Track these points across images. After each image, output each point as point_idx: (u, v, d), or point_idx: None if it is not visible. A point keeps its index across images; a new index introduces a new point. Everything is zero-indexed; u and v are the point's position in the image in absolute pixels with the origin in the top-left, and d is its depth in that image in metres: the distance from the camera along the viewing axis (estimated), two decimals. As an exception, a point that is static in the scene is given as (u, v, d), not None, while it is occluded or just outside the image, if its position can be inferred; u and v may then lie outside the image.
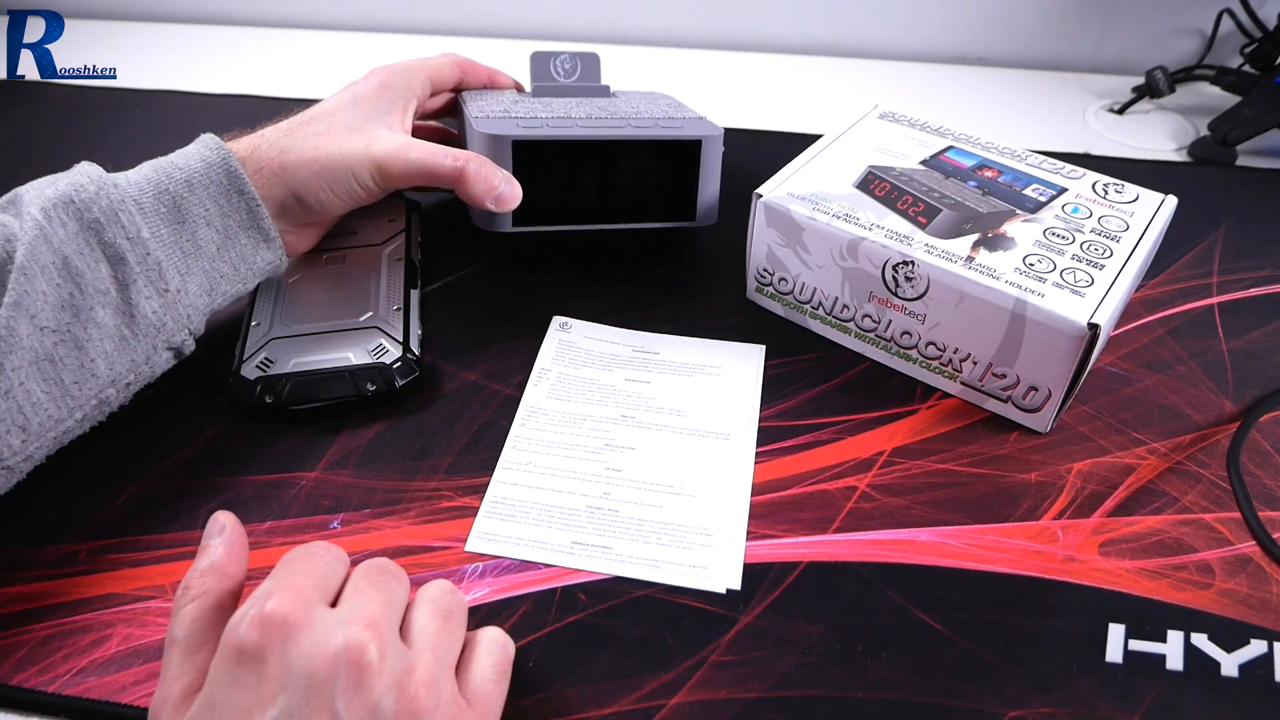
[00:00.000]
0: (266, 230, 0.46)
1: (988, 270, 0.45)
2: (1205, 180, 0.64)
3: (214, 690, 0.29)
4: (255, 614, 0.29)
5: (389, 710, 0.29)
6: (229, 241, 0.45)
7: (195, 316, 0.44)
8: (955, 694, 0.37)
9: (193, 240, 0.43)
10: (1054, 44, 0.79)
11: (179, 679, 0.30)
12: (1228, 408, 0.48)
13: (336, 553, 0.33)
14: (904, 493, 0.44)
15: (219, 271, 0.44)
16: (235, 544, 0.34)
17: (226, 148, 0.45)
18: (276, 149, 0.46)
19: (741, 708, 0.36)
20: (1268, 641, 0.38)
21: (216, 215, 0.44)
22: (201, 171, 0.44)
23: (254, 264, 0.46)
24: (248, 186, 0.45)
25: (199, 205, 0.44)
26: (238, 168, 0.44)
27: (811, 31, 0.82)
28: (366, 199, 0.49)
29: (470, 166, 0.48)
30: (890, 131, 0.55)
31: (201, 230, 0.44)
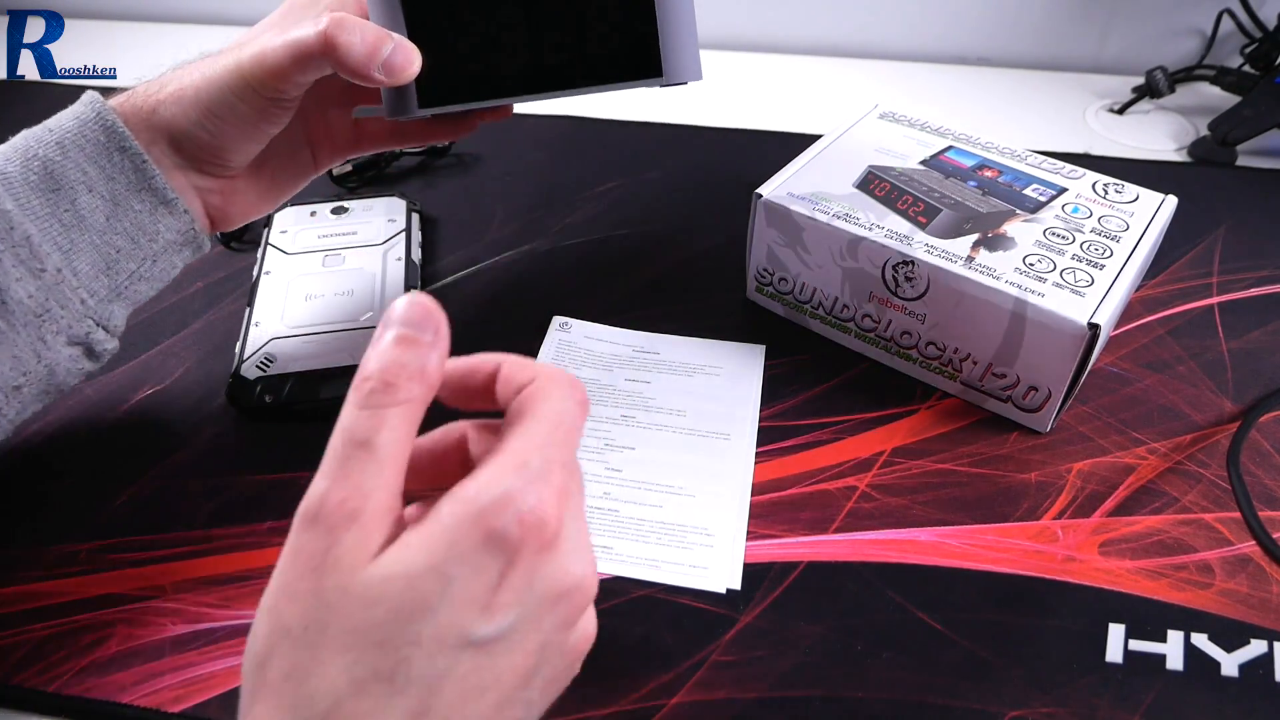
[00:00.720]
0: (162, 191, 0.39)
1: (988, 270, 0.45)
2: (1205, 180, 0.64)
3: (450, 560, 0.25)
4: (524, 511, 0.25)
5: (571, 652, 0.29)
6: (119, 209, 0.39)
7: (95, 302, 0.39)
8: (955, 694, 0.37)
9: (73, 210, 0.38)
10: (1054, 44, 0.79)
11: (377, 490, 0.25)
12: (1228, 408, 0.48)
13: (583, 421, 0.29)
14: (904, 493, 0.44)
15: (113, 245, 0.39)
16: (444, 356, 0.28)
17: (104, 101, 0.39)
18: (155, 87, 0.40)
19: (741, 708, 0.36)
20: (1268, 641, 0.38)
21: (99, 179, 0.38)
22: (75, 130, 0.38)
23: (156, 233, 0.40)
24: (129, 141, 0.38)
25: (75, 169, 0.38)
26: (116, 120, 0.38)
27: (811, 31, 0.82)
28: (258, 118, 0.40)
29: (339, 29, 0.36)
30: (890, 131, 0.55)
31: (83, 198, 0.38)
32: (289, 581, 0.25)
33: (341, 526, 0.25)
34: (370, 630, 0.25)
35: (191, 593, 0.40)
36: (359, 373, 0.26)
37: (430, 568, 0.25)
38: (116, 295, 0.40)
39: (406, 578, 0.25)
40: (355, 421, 0.26)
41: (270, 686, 0.25)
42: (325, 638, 0.24)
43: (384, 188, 0.63)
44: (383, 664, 0.25)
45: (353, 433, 0.25)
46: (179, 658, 0.38)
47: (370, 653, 0.24)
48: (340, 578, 0.25)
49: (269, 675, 0.25)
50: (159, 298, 0.55)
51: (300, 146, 0.47)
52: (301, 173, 0.47)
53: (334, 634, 0.24)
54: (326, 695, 0.24)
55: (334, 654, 0.24)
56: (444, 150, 0.67)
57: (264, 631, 0.25)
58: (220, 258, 0.58)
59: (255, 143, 0.41)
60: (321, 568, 0.25)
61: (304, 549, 0.25)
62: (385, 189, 0.62)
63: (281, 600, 0.25)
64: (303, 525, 0.25)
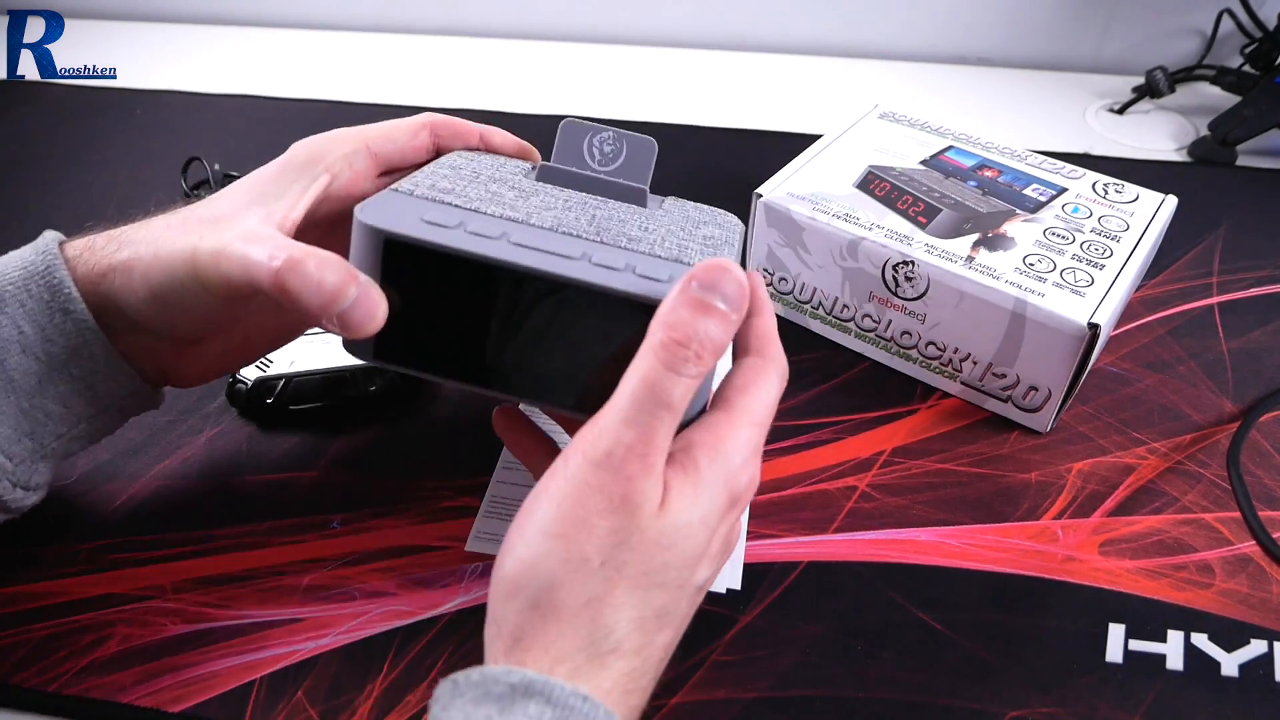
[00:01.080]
0: (104, 358, 0.36)
1: (988, 270, 0.45)
2: (1205, 180, 0.64)
3: (712, 515, 0.30)
4: (752, 477, 0.31)
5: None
6: (54, 374, 0.35)
7: (14, 465, 0.35)
8: (955, 694, 0.37)
9: (3, 373, 0.34)
10: (1054, 44, 0.79)
11: (666, 444, 0.29)
12: (1228, 408, 0.48)
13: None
14: (904, 493, 0.44)
15: (42, 410, 0.36)
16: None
17: (56, 251, 0.35)
18: (114, 245, 0.36)
19: (741, 708, 0.36)
20: (1268, 641, 0.38)
21: (35, 339, 0.35)
22: (19, 281, 0.35)
23: (94, 397, 0.37)
24: (75, 303, 0.35)
25: (10, 326, 0.34)
26: (65, 278, 0.35)
27: (811, 31, 0.82)
28: (209, 311, 0.35)
29: (291, 273, 0.31)
30: (890, 131, 0.55)
31: (13, 359, 0.35)
32: (585, 515, 0.28)
33: (640, 474, 0.28)
34: (657, 572, 0.28)
35: (191, 593, 0.40)
36: (668, 328, 0.28)
37: (702, 521, 0.29)
38: (41, 457, 0.36)
39: (689, 528, 0.29)
40: (662, 380, 0.28)
41: (566, 610, 0.27)
42: (622, 575, 0.28)
43: (384, 188, 0.63)
44: (660, 603, 0.29)
45: (658, 391, 0.28)
46: (179, 658, 0.38)
47: (654, 592, 0.28)
48: (640, 520, 0.28)
49: (563, 599, 0.27)
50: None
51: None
52: (287, 330, 0.41)
53: (630, 572, 0.28)
54: (620, 626, 0.28)
55: (627, 590, 0.28)
56: (444, 150, 0.66)
57: (553, 556, 0.27)
58: (220, 258, 0.58)
59: (210, 327, 0.37)
60: (622, 509, 0.28)
61: (601, 487, 0.28)
62: (385, 189, 0.62)
63: (577, 531, 0.28)
64: (595, 465, 0.28)
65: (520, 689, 0.26)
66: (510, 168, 0.39)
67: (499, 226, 0.32)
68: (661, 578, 0.29)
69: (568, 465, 0.29)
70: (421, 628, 0.39)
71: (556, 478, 0.29)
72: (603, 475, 0.28)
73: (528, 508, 0.29)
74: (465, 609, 0.39)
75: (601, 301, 0.30)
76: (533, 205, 0.35)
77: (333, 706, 0.36)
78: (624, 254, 0.32)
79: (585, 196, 0.37)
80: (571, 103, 0.74)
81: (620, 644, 0.28)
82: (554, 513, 0.28)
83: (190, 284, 0.34)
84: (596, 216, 0.35)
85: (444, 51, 0.82)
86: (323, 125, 0.40)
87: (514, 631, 0.28)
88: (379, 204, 0.32)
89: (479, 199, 0.34)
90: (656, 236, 0.34)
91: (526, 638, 0.28)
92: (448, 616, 0.39)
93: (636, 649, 0.28)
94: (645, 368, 0.28)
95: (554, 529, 0.28)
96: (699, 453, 0.30)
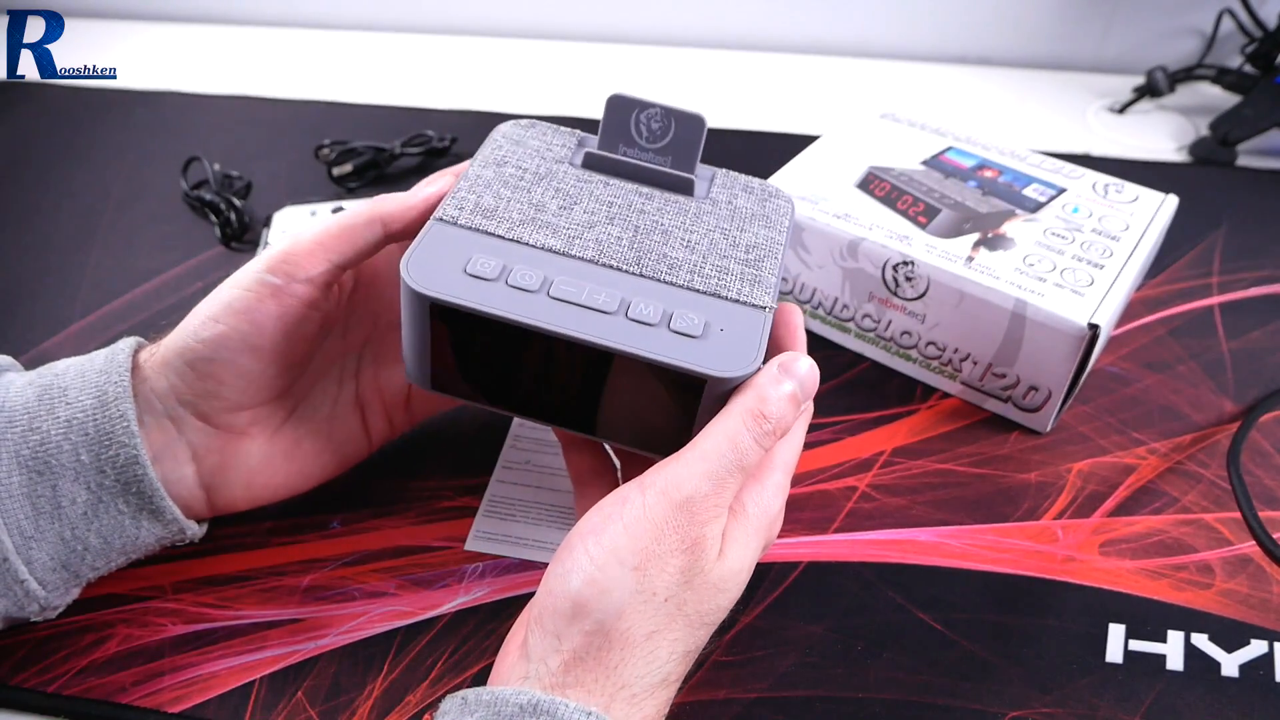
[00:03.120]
0: (150, 496, 0.36)
1: (988, 270, 0.45)
2: (1205, 180, 0.64)
3: (754, 553, 0.32)
4: (779, 519, 0.34)
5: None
6: (101, 506, 0.35)
7: (46, 592, 0.35)
8: (955, 694, 0.37)
9: (51, 496, 0.34)
10: (1054, 44, 0.79)
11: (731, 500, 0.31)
12: (1228, 408, 0.48)
13: None
14: (904, 493, 0.44)
15: (83, 542, 0.35)
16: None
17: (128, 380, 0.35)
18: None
19: (741, 708, 0.36)
20: (1268, 641, 0.38)
21: (90, 468, 0.35)
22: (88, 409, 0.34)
23: (135, 538, 0.36)
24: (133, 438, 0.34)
25: (71, 451, 0.34)
26: (128, 410, 0.35)
27: (811, 31, 0.82)
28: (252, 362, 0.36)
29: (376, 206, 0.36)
30: (890, 131, 0.55)
31: (65, 484, 0.34)
32: (662, 552, 0.29)
33: (711, 521, 0.30)
34: (708, 613, 0.31)
35: (191, 593, 0.40)
36: (761, 400, 0.31)
37: (749, 566, 0.32)
38: (71, 586, 0.37)
39: (738, 571, 0.31)
40: (748, 450, 0.31)
41: (631, 639, 0.29)
42: (681, 612, 0.30)
43: (384, 188, 0.63)
44: (699, 638, 0.31)
45: (739, 453, 0.31)
46: (179, 658, 0.38)
47: (700, 630, 0.31)
48: (704, 564, 0.30)
49: (629, 628, 0.29)
50: (160, 296, 0.55)
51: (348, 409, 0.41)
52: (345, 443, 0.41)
53: (688, 610, 0.30)
54: (671, 659, 0.30)
55: (681, 627, 0.30)
56: (444, 150, 0.67)
57: (627, 586, 0.29)
58: (220, 258, 0.58)
59: (254, 388, 0.37)
60: (691, 551, 0.30)
61: (678, 529, 0.30)
62: (385, 189, 0.62)
63: (652, 565, 0.29)
64: (676, 507, 0.30)
65: (529, 709, 0.27)
66: (557, 150, 0.39)
67: (540, 271, 0.33)
68: (711, 618, 0.31)
69: (645, 500, 0.30)
70: (421, 628, 0.39)
71: (632, 509, 0.30)
72: (681, 518, 0.30)
73: (595, 529, 0.30)
74: (465, 609, 0.39)
75: (637, 363, 0.32)
76: (576, 221, 0.35)
77: (333, 706, 0.36)
78: (661, 296, 0.34)
79: (631, 193, 0.37)
80: (571, 102, 0.74)
81: (668, 675, 0.30)
82: (631, 544, 0.30)
83: (241, 301, 0.35)
84: (639, 229, 0.36)
85: (444, 51, 0.82)
86: (323, 125, 0.40)
87: (577, 651, 0.29)
88: (424, 255, 0.33)
89: (522, 220, 0.35)
90: (698, 255, 0.35)
91: (589, 659, 0.29)
92: (448, 616, 0.39)
93: (675, 680, 0.31)
94: (733, 430, 0.31)
95: (630, 560, 0.29)
96: (747, 498, 0.32)
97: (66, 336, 0.53)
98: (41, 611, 0.36)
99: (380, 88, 0.77)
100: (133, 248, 0.59)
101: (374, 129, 0.68)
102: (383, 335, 0.41)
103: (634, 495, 0.30)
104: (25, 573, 0.34)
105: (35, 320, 0.54)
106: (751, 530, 0.32)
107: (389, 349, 0.42)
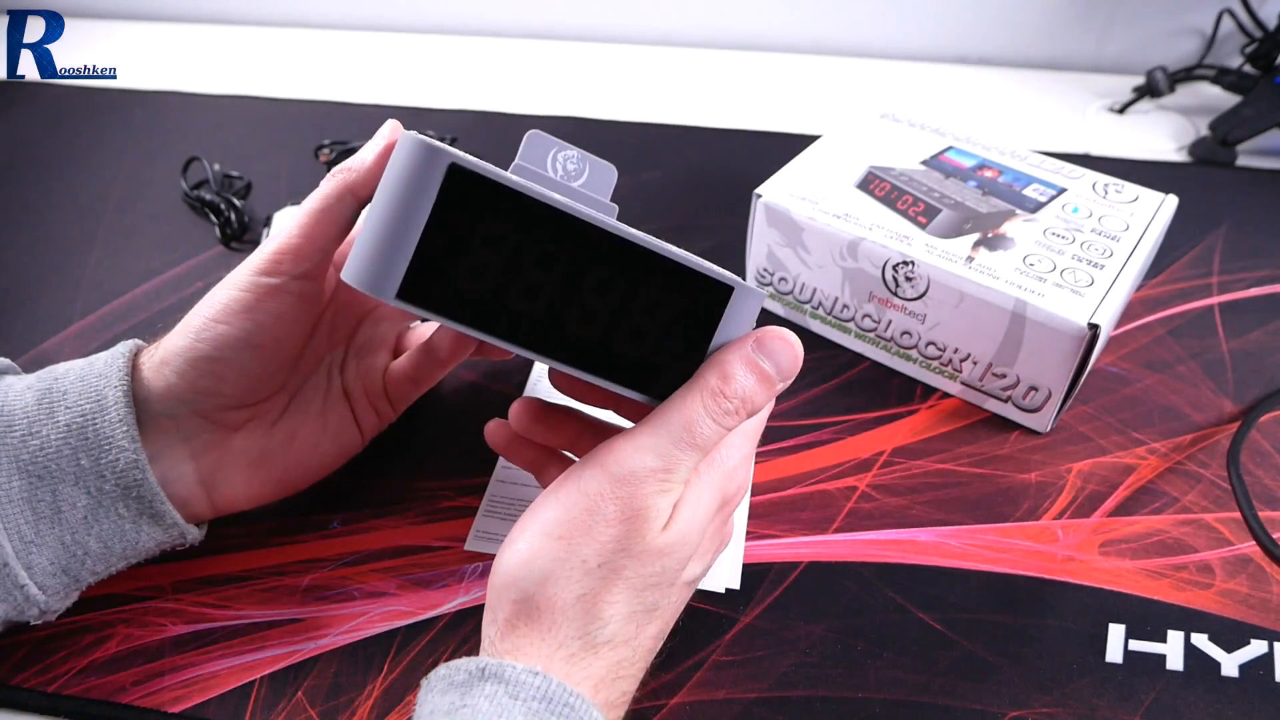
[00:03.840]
0: (150, 501, 0.36)
1: (988, 270, 0.45)
2: (1205, 180, 0.64)
3: (705, 521, 0.33)
4: (741, 483, 0.34)
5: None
6: (101, 510, 0.35)
7: (45, 597, 0.35)
8: (955, 694, 0.37)
9: (51, 501, 0.34)
10: (1054, 44, 0.79)
11: (685, 475, 0.32)
12: (1228, 408, 0.48)
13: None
14: (904, 493, 0.44)
15: (82, 547, 0.35)
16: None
17: (128, 383, 0.35)
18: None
19: (741, 708, 0.36)
20: (1268, 641, 0.38)
21: (90, 472, 0.35)
22: (88, 414, 0.34)
23: (135, 542, 0.36)
24: (134, 442, 0.35)
25: (71, 457, 0.34)
26: (127, 414, 0.35)
27: (811, 31, 0.82)
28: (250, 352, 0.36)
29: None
30: (890, 131, 0.55)
31: (65, 488, 0.34)
32: (592, 522, 0.30)
33: (655, 493, 0.31)
34: (653, 575, 0.31)
35: (191, 593, 0.40)
36: (722, 378, 0.31)
37: (699, 529, 0.32)
38: (71, 590, 0.36)
39: (685, 534, 0.32)
40: (701, 424, 0.31)
41: (558, 603, 0.30)
42: (619, 576, 0.30)
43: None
44: (651, 599, 0.32)
45: (694, 431, 0.31)
46: (179, 658, 0.38)
47: (647, 592, 0.31)
48: (645, 533, 0.31)
49: (554, 593, 0.30)
50: (160, 296, 0.55)
51: (338, 401, 0.41)
52: (339, 434, 0.41)
53: (628, 575, 0.31)
54: (613, 620, 0.31)
55: (622, 590, 0.31)
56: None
57: (550, 555, 0.30)
58: (220, 257, 0.58)
59: (254, 381, 0.37)
60: (631, 521, 0.30)
61: (615, 499, 0.30)
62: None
63: (579, 535, 0.30)
64: (615, 480, 0.30)
65: (478, 674, 0.29)
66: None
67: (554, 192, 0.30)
68: (656, 579, 0.32)
69: (583, 475, 0.31)
70: (421, 628, 0.39)
71: (568, 483, 0.31)
72: (620, 490, 0.30)
73: (535, 507, 0.32)
74: (465, 609, 0.39)
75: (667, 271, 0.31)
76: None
77: (333, 706, 0.36)
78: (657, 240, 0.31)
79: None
80: (571, 102, 0.74)
81: (613, 636, 0.31)
82: (560, 516, 0.31)
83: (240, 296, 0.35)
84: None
85: (444, 51, 0.82)
86: (323, 125, 0.40)
87: (509, 619, 0.31)
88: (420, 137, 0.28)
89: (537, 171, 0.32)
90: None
91: (521, 625, 0.30)
92: (448, 616, 0.39)
93: (626, 640, 0.31)
94: (689, 409, 0.31)
95: (556, 531, 0.31)
96: (703, 467, 0.32)
97: (66, 336, 0.53)
98: (41, 616, 0.36)
99: (380, 88, 0.77)
100: (133, 248, 0.59)
101: (374, 129, 0.68)
102: (362, 330, 0.42)
103: (575, 471, 0.32)
104: (25, 577, 0.34)
105: (35, 320, 0.54)
106: (701, 486, 0.32)
107: (369, 341, 0.42)
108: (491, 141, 0.67)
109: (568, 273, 0.30)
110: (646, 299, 0.31)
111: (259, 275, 0.35)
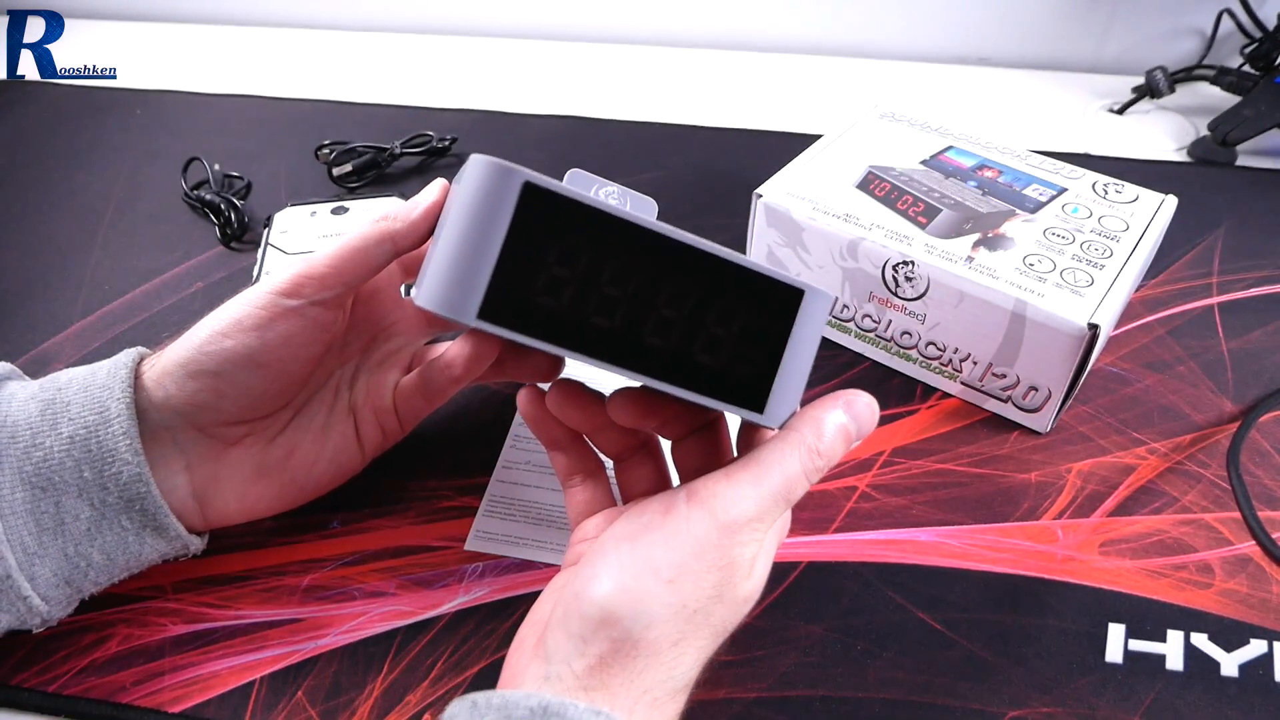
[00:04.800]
0: (154, 514, 0.36)
1: (988, 270, 0.45)
2: (1205, 180, 0.64)
3: (766, 562, 0.33)
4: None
5: None
6: (104, 521, 0.35)
7: (47, 607, 0.35)
8: (955, 694, 0.37)
9: (55, 512, 0.34)
10: (1054, 44, 0.79)
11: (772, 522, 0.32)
12: (1228, 408, 0.48)
13: None
14: (904, 493, 0.44)
15: (85, 558, 0.35)
16: None
17: (131, 394, 0.35)
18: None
19: (741, 708, 0.36)
20: (1268, 641, 0.38)
21: (94, 484, 0.35)
22: (91, 426, 0.34)
23: (138, 554, 0.37)
24: (137, 455, 0.35)
25: (74, 469, 0.34)
26: (130, 427, 0.35)
27: (811, 31, 0.82)
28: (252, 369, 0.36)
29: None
30: (890, 131, 0.55)
31: (69, 499, 0.34)
32: (699, 569, 0.30)
33: (750, 544, 0.31)
34: (731, 622, 0.32)
35: (191, 593, 0.40)
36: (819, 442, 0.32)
37: (766, 577, 0.33)
38: (73, 600, 0.36)
39: (760, 583, 0.32)
40: (797, 482, 0.31)
41: (656, 648, 0.30)
42: (707, 623, 0.31)
43: (384, 188, 0.63)
44: (717, 647, 0.32)
45: (791, 487, 0.31)
46: (179, 658, 0.38)
47: (719, 639, 0.32)
48: (736, 580, 0.31)
49: (657, 638, 0.30)
50: (159, 296, 0.55)
51: (342, 419, 0.41)
52: (339, 453, 0.41)
53: (714, 622, 0.31)
54: (691, 668, 0.31)
55: (706, 636, 0.31)
56: (444, 150, 0.67)
57: (660, 599, 0.30)
58: (220, 257, 0.58)
59: (253, 396, 0.37)
60: (727, 569, 0.31)
61: (718, 548, 0.30)
62: (385, 189, 0.62)
63: (688, 581, 0.30)
64: (721, 529, 0.30)
65: (539, 711, 0.28)
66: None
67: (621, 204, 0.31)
68: (732, 627, 0.32)
69: (690, 516, 0.31)
70: (421, 628, 0.39)
71: (675, 521, 0.31)
72: (723, 539, 0.30)
73: (632, 535, 0.31)
74: (465, 609, 0.39)
75: (739, 279, 0.31)
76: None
77: (333, 706, 0.36)
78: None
79: None
80: (571, 102, 0.74)
81: (688, 680, 0.31)
82: (671, 559, 0.30)
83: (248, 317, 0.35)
84: None
85: (444, 51, 0.82)
86: (323, 125, 0.40)
87: (603, 656, 0.29)
88: (493, 159, 0.29)
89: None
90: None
91: (615, 665, 0.29)
92: (448, 616, 0.39)
93: (691, 683, 0.32)
94: (789, 466, 0.31)
95: (667, 574, 0.30)
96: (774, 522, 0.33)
97: (66, 337, 0.53)
98: (43, 625, 0.36)
99: (380, 88, 0.77)
100: (133, 248, 0.59)
101: (374, 129, 0.68)
102: (377, 345, 0.42)
103: (679, 506, 0.31)
104: (28, 589, 0.34)
105: (35, 320, 0.54)
106: (774, 540, 0.33)
107: (382, 358, 0.42)
108: (491, 142, 0.67)
109: (643, 285, 0.30)
110: (721, 308, 0.31)
111: (277, 295, 0.35)
